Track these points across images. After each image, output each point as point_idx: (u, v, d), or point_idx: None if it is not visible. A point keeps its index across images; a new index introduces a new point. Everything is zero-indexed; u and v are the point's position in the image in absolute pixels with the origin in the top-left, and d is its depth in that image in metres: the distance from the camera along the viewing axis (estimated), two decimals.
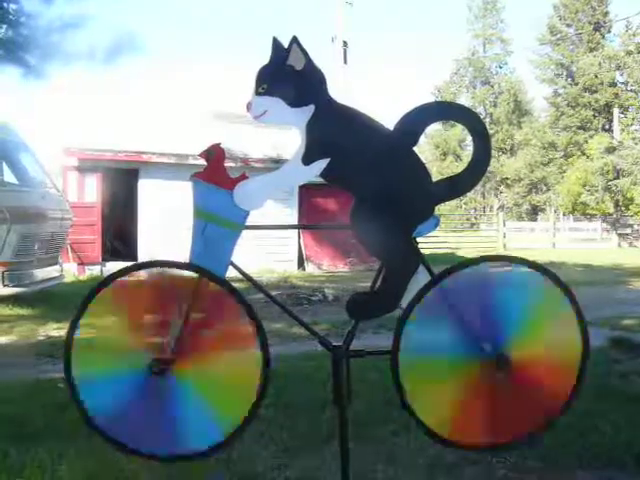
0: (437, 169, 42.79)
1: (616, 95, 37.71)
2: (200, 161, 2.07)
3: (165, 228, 11.63)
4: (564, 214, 35.15)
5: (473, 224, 33.15)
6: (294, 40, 1.96)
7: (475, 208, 46.77)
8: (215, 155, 2.05)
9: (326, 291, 9.10)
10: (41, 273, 7.96)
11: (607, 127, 38.57)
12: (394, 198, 2.00)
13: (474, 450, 2.35)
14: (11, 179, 8.15)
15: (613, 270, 14.00)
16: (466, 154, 43.03)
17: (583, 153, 37.77)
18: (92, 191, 12.45)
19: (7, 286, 7.29)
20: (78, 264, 11.90)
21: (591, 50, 38.94)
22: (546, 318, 2.11)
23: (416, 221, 2.04)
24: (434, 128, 45.58)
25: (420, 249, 2.08)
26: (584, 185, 34.55)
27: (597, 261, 15.92)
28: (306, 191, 13.31)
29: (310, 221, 13.41)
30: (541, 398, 2.06)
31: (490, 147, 2.13)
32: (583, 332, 2.07)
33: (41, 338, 5.99)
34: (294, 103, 1.97)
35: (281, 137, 12.34)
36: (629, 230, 27.09)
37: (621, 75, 38.35)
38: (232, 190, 2.02)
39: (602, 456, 2.80)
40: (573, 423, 2.94)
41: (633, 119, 37.33)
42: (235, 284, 2.11)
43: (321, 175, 2.02)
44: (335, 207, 13.04)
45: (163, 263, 2.14)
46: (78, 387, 2.01)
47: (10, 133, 8.34)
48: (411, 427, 2.87)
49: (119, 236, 13.70)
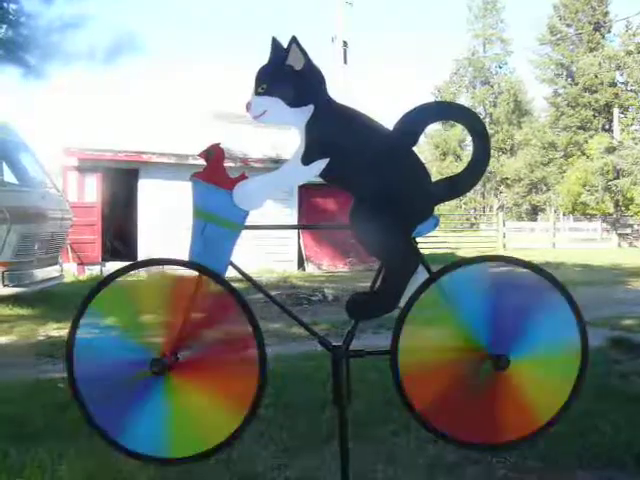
0: (437, 169, 42.79)
1: (616, 95, 37.71)
2: (200, 161, 2.07)
3: (165, 228, 11.63)
4: (564, 214, 35.16)
5: (473, 224, 33.15)
6: (293, 40, 1.96)
7: (475, 208, 46.77)
8: (215, 155, 2.05)
9: (326, 291, 9.10)
10: (41, 273, 7.96)
11: (607, 127, 38.58)
12: (394, 198, 2.00)
13: (474, 448, 2.35)
14: (11, 179, 8.16)
15: (612, 270, 14.00)
16: (466, 154, 43.03)
17: (583, 153, 37.78)
18: (92, 191, 12.46)
19: (7, 286, 7.29)
20: (78, 264, 11.91)
21: (591, 50, 38.94)
22: (544, 319, 2.10)
23: (416, 221, 2.04)
24: (434, 128, 45.59)
25: (420, 249, 2.08)
26: (584, 185, 34.56)
27: (597, 261, 15.92)
28: (306, 191, 13.31)
29: (310, 221, 13.41)
30: (540, 399, 2.06)
31: (490, 147, 2.13)
32: (582, 333, 2.06)
33: (41, 338, 5.99)
34: (293, 103, 1.97)
35: (280, 137, 12.34)
36: (629, 230, 27.09)
37: (621, 75, 38.37)
38: (231, 190, 2.01)
39: (602, 456, 2.80)
40: (573, 423, 2.94)
41: (633, 119, 37.34)
42: (235, 284, 2.11)
43: (320, 175, 2.02)
44: (335, 207, 13.04)
45: (164, 261, 2.14)
46: None
47: (10, 133, 8.34)
48: (411, 427, 2.88)
49: (119, 236, 13.70)
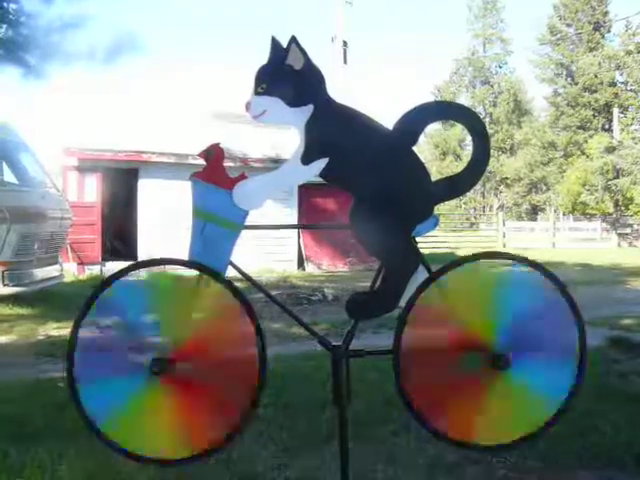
0: (437, 169, 42.76)
1: (616, 95, 37.71)
2: (200, 161, 2.07)
3: (165, 228, 11.63)
4: (564, 214, 35.17)
5: (473, 224, 33.14)
6: (293, 40, 1.96)
7: (475, 208, 46.76)
8: (214, 155, 2.04)
9: (326, 291, 9.10)
10: (41, 273, 7.96)
11: (607, 127, 38.57)
12: (393, 198, 1.99)
13: (475, 449, 2.35)
14: (11, 179, 8.15)
15: (612, 270, 14.01)
16: (466, 154, 43.02)
17: (583, 153, 37.77)
18: (92, 191, 12.46)
19: (7, 286, 7.29)
20: (78, 264, 11.90)
21: (591, 50, 38.94)
22: (542, 316, 2.10)
23: (415, 221, 2.03)
24: (434, 128, 45.58)
25: (419, 249, 2.08)
26: (584, 185, 34.55)
27: (596, 261, 15.92)
28: (306, 191, 13.31)
29: (310, 221, 13.41)
30: (538, 399, 2.05)
31: (489, 147, 2.13)
32: (580, 331, 2.06)
33: (41, 338, 5.99)
34: (293, 103, 1.97)
35: (280, 137, 12.33)
36: (629, 230, 27.10)
37: (621, 75, 38.36)
38: (231, 190, 2.01)
39: (602, 456, 2.80)
40: (573, 423, 2.94)
41: (633, 119, 37.32)
42: (235, 284, 2.10)
43: (320, 175, 2.02)
44: (335, 207, 13.04)
45: (166, 261, 2.13)
46: None
47: (10, 133, 8.34)
48: (411, 427, 2.88)
49: (119, 236, 13.70)
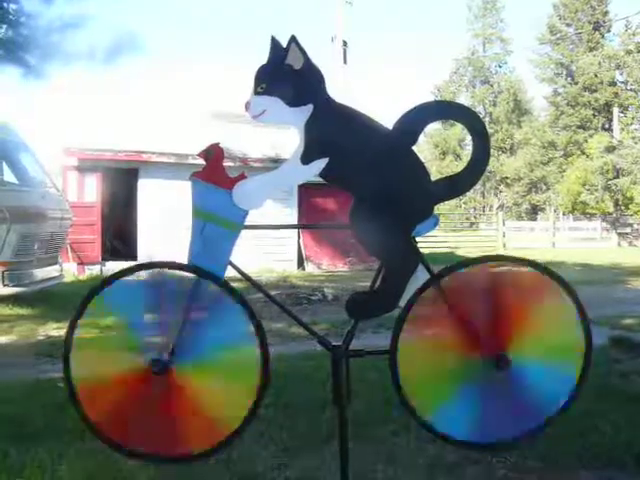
0: (436, 168, 42.76)
1: (616, 94, 37.71)
2: (199, 161, 2.07)
3: (165, 228, 11.62)
4: (564, 213, 35.16)
5: (472, 223, 33.12)
6: (292, 39, 1.95)
7: (475, 207, 46.76)
8: (214, 155, 2.04)
9: (325, 291, 9.09)
10: (41, 273, 7.96)
11: (607, 126, 38.55)
12: (393, 197, 1.99)
13: (474, 449, 2.35)
14: (11, 179, 8.15)
15: (612, 269, 14.01)
16: (465, 153, 43.01)
17: (583, 152, 37.77)
18: (92, 191, 12.46)
19: (7, 286, 7.29)
20: (78, 264, 11.90)
21: (591, 49, 38.93)
22: (548, 318, 2.10)
23: (415, 220, 2.03)
24: (434, 127, 45.57)
25: (419, 248, 2.08)
26: (584, 184, 34.55)
27: (596, 260, 15.92)
28: (305, 191, 13.31)
29: (309, 221, 13.41)
30: (539, 399, 2.05)
31: (489, 146, 2.13)
32: (586, 332, 2.06)
33: (41, 338, 5.99)
34: (293, 102, 1.97)
35: (280, 137, 12.33)
36: (629, 229, 27.10)
37: (621, 74, 38.38)
38: (231, 190, 2.01)
39: (602, 456, 2.79)
40: (573, 423, 2.94)
41: (633, 118, 37.34)
42: (234, 284, 2.10)
43: (320, 175, 2.02)
44: (335, 207, 13.03)
45: (163, 264, 2.13)
46: None
47: (10, 133, 8.34)
48: (411, 427, 2.88)
49: (119, 236, 13.69)
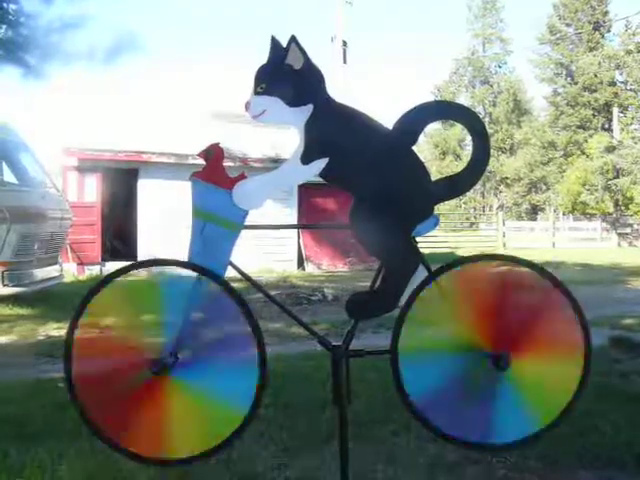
0: (436, 168, 42.75)
1: (615, 94, 37.69)
2: (199, 161, 2.07)
3: (165, 228, 11.62)
4: (564, 213, 35.14)
5: (473, 224, 33.12)
6: (292, 39, 1.95)
7: (475, 207, 46.75)
8: (214, 155, 2.04)
9: (325, 291, 9.09)
10: (41, 273, 7.96)
11: (607, 126, 38.54)
12: (393, 198, 1.99)
13: (475, 449, 2.35)
14: (11, 179, 8.15)
15: (612, 269, 14.01)
16: (465, 153, 43.00)
17: (583, 152, 37.76)
18: (92, 191, 12.46)
19: (7, 286, 7.29)
20: (78, 264, 11.90)
21: (591, 49, 38.91)
22: (546, 318, 2.10)
23: (415, 220, 2.03)
24: (433, 127, 45.56)
25: (419, 248, 2.08)
26: (584, 184, 34.55)
27: (596, 260, 15.93)
28: (305, 191, 13.31)
29: (309, 221, 13.40)
30: (541, 398, 2.05)
31: (489, 146, 2.13)
32: (585, 332, 2.06)
33: (41, 338, 5.99)
34: (293, 102, 1.96)
35: (280, 137, 12.33)
36: (629, 229, 27.10)
37: (620, 74, 38.36)
38: (231, 190, 2.01)
39: (602, 456, 2.79)
40: (573, 423, 2.94)
41: (632, 118, 37.31)
42: (234, 284, 2.10)
43: (320, 175, 2.02)
44: (335, 207, 13.03)
45: (163, 262, 2.13)
46: None
47: (10, 133, 8.34)
48: (411, 427, 2.88)
49: (119, 236, 13.69)
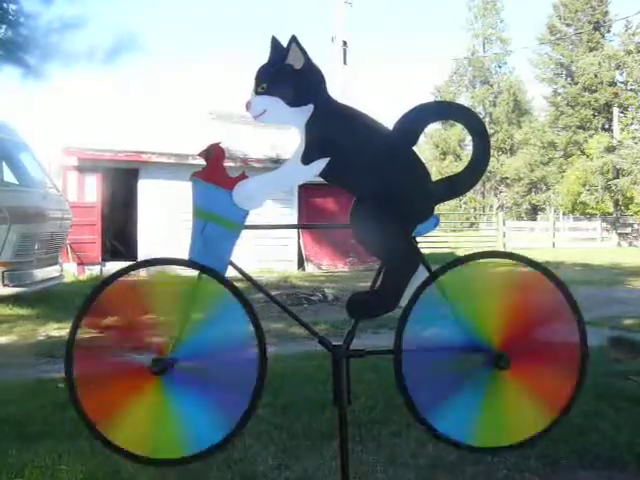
0: (437, 169, 42.76)
1: (616, 94, 37.66)
2: (200, 161, 2.06)
3: (165, 228, 11.63)
4: (564, 213, 35.15)
5: (473, 224, 33.14)
6: (293, 39, 1.95)
7: (475, 208, 46.75)
8: (214, 155, 2.04)
9: (326, 291, 9.09)
10: (41, 273, 7.96)
11: (607, 126, 38.51)
12: (394, 198, 1.99)
13: (476, 451, 2.34)
14: (11, 179, 8.15)
15: (612, 269, 14.02)
16: (466, 154, 43.02)
17: (583, 152, 37.75)
18: (92, 191, 12.47)
19: (7, 286, 7.29)
20: (78, 264, 11.90)
21: (591, 50, 38.89)
22: (544, 316, 2.11)
23: (416, 221, 2.03)
24: (434, 127, 45.59)
25: (420, 249, 2.08)
26: (584, 184, 34.56)
27: (596, 260, 15.94)
28: (306, 191, 13.32)
29: (310, 221, 13.42)
30: (540, 398, 2.05)
31: (489, 147, 2.12)
32: (581, 332, 2.06)
33: (41, 338, 5.99)
34: (293, 103, 1.96)
35: (280, 137, 12.34)
36: (629, 229, 27.14)
37: (621, 74, 38.31)
38: (231, 190, 2.01)
39: (602, 456, 2.79)
40: (573, 423, 2.94)
41: (633, 118, 37.24)
42: (235, 284, 2.10)
43: (321, 175, 2.02)
44: (335, 207, 13.04)
45: (165, 261, 2.13)
46: None
47: (10, 133, 8.34)
48: (411, 427, 2.88)
49: (119, 236, 13.69)
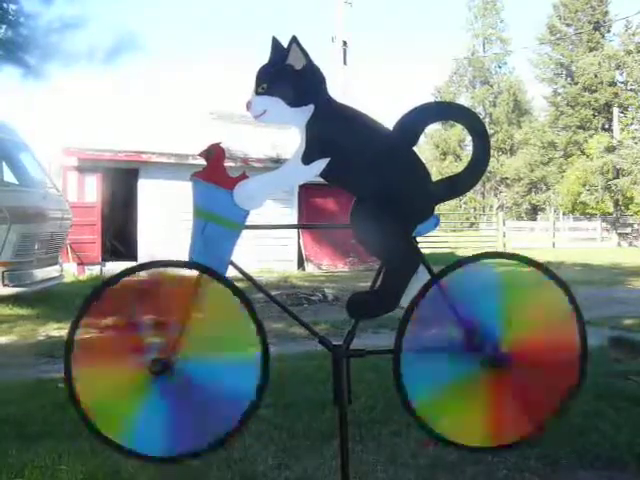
0: (437, 169, 42.77)
1: (616, 94, 37.66)
2: (200, 161, 2.06)
3: (165, 228, 11.63)
4: (564, 213, 35.15)
5: (473, 224, 33.14)
6: (294, 40, 1.95)
7: (475, 208, 46.74)
8: (215, 155, 2.04)
9: (326, 291, 9.09)
10: (41, 273, 7.96)
11: (607, 126, 38.50)
12: (394, 198, 1.99)
13: (476, 451, 2.35)
14: (11, 179, 8.15)
15: (612, 269, 14.02)
16: (466, 154, 43.02)
17: (583, 152, 37.75)
18: (92, 191, 12.46)
19: (7, 286, 7.29)
20: (78, 264, 11.90)
21: (591, 50, 38.88)
22: (545, 316, 2.11)
23: (416, 221, 2.03)
24: (434, 128, 45.60)
25: (420, 249, 2.08)
26: (584, 185, 34.56)
27: (596, 260, 15.94)
28: (306, 191, 13.31)
29: (310, 221, 13.42)
30: (539, 398, 2.06)
31: (489, 147, 2.13)
32: (581, 331, 2.07)
33: (41, 338, 5.99)
34: (294, 103, 1.96)
35: (281, 137, 12.34)
36: (629, 229, 27.15)
37: (621, 74, 38.30)
38: (232, 190, 2.01)
39: (602, 456, 2.79)
40: (573, 423, 2.95)
41: (633, 118, 37.23)
42: (235, 284, 2.10)
43: (321, 175, 2.02)
44: (335, 207, 13.04)
45: (165, 263, 2.13)
46: None
47: (10, 133, 8.34)
48: (411, 427, 2.87)
49: (119, 236, 13.69)
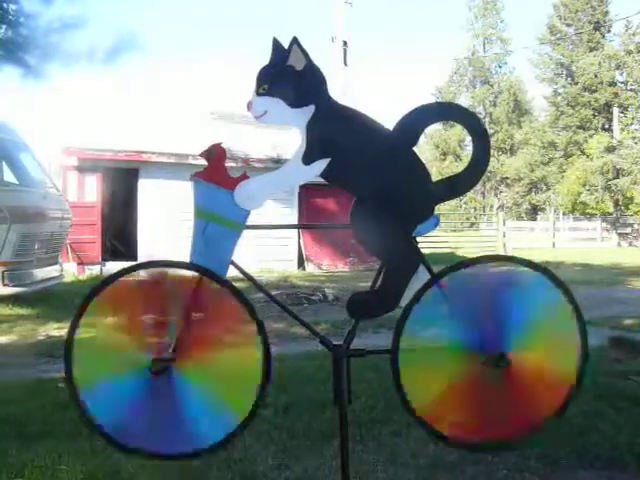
0: (437, 169, 42.78)
1: (616, 94, 37.66)
2: (200, 161, 2.07)
3: (165, 228, 11.63)
4: (564, 213, 35.15)
5: (473, 224, 33.13)
6: (294, 41, 1.96)
7: (475, 208, 46.75)
8: (216, 155, 2.04)
9: (326, 291, 9.09)
10: (41, 273, 7.96)
11: (607, 126, 38.51)
12: (394, 198, 2.00)
13: (474, 449, 2.35)
14: (11, 179, 8.15)
15: (612, 269, 14.02)
16: (466, 154, 43.03)
17: (583, 152, 37.76)
18: (92, 191, 12.46)
19: (7, 286, 7.29)
20: (78, 264, 11.90)
21: (591, 50, 38.88)
22: (545, 317, 2.11)
23: (416, 221, 2.04)
24: (434, 128, 45.57)
25: (420, 249, 2.08)
26: (584, 185, 34.57)
27: (596, 260, 15.94)
28: (306, 191, 13.32)
29: (310, 221, 13.42)
30: (538, 398, 2.06)
31: (489, 147, 2.13)
32: (582, 333, 2.07)
33: (41, 338, 5.99)
34: (294, 103, 1.97)
35: (281, 137, 12.34)
36: (629, 229, 27.15)
37: (621, 74, 38.31)
38: (233, 190, 2.01)
39: (602, 456, 2.79)
40: (573, 423, 2.95)
41: (633, 118, 37.23)
42: (236, 284, 2.10)
43: (321, 175, 2.02)
44: (335, 207, 13.04)
45: (164, 263, 2.13)
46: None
47: (10, 133, 8.35)
48: (411, 427, 2.88)
49: (119, 236, 13.69)
